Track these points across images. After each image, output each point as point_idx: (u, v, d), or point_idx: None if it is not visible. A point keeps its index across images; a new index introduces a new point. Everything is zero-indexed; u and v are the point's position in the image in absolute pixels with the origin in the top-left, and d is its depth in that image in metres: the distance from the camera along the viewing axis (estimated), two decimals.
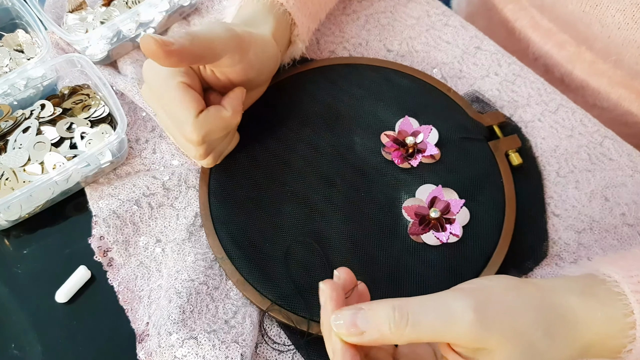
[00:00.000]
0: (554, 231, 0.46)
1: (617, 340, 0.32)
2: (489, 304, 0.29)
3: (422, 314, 0.29)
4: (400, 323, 0.28)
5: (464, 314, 0.28)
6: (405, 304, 0.29)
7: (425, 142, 0.48)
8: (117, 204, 0.46)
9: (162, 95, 0.40)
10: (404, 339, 0.29)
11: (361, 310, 0.29)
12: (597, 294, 0.33)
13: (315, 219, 0.45)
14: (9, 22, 0.57)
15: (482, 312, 0.29)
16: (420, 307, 0.29)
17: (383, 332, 0.28)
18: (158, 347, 0.39)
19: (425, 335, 0.29)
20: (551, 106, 0.53)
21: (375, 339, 0.29)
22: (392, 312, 0.28)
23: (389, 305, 0.29)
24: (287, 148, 0.48)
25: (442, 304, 0.29)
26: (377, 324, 0.29)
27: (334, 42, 0.57)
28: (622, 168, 0.49)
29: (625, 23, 0.47)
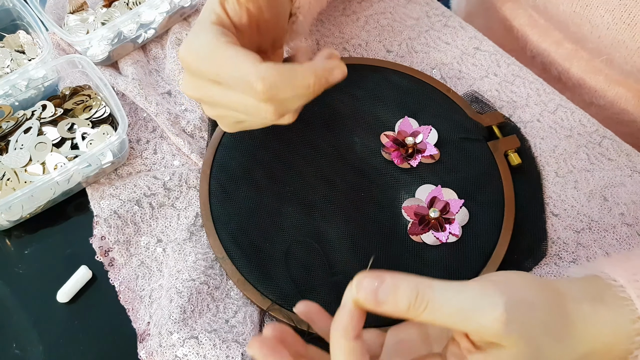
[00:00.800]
0: (553, 231, 0.47)
1: (623, 347, 0.32)
2: (516, 304, 0.29)
3: (444, 303, 0.28)
4: (419, 306, 0.28)
5: (494, 313, 0.28)
6: (428, 288, 0.29)
7: (424, 143, 0.48)
8: (118, 204, 0.47)
9: (214, 65, 0.35)
10: (419, 320, 0.29)
11: (385, 281, 0.29)
12: (607, 301, 0.33)
13: (316, 219, 0.45)
14: (10, 23, 0.58)
15: (511, 312, 0.28)
16: (442, 295, 0.29)
17: (400, 309, 0.28)
18: (159, 347, 0.40)
19: (442, 322, 0.29)
20: (550, 106, 0.53)
21: (390, 312, 0.29)
22: (414, 293, 0.28)
23: (413, 284, 0.29)
24: (287, 148, 0.48)
25: (468, 296, 0.29)
26: (396, 300, 0.28)
27: (334, 42, 0.58)
28: (621, 168, 0.49)
29: (614, 24, 0.47)
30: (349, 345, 0.30)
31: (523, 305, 0.29)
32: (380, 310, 0.29)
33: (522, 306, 0.29)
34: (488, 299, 0.29)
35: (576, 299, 0.32)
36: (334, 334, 0.30)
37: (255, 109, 0.36)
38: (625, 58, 0.49)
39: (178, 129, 0.51)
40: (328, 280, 0.42)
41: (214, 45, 0.35)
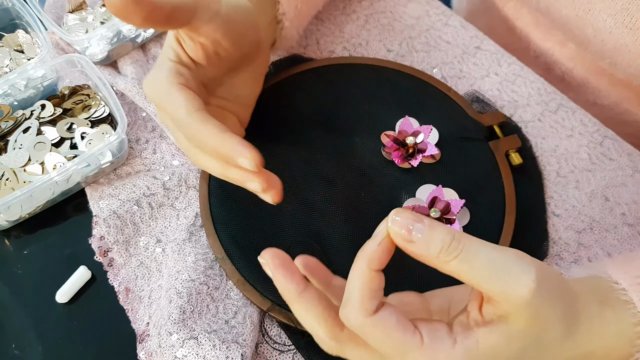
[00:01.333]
0: (554, 231, 0.46)
1: (625, 350, 0.32)
2: (547, 281, 0.28)
3: (476, 255, 0.28)
4: (451, 252, 0.28)
5: (524, 279, 0.27)
6: (465, 238, 0.28)
7: (425, 142, 0.48)
8: (118, 204, 0.46)
9: (162, 103, 0.38)
10: (446, 268, 0.28)
11: (422, 221, 0.28)
12: (612, 305, 0.33)
13: (316, 219, 0.45)
14: (9, 23, 0.57)
15: (540, 286, 0.28)
16: (477, 247, 0.28)
17: (430, 252, 0.28)
18: (158, 347, 0.40)
19: (468, 275, 0.28)
20: (551, 106, 0.53)
21: (419, 253, 0.28)
22: (449, 239, 0.28)
23: (449, 231, 0.28)
24: (287, 148, 0.48)
25: (502, 256, 0.28)
26: (429, 241, 0.28)
27: (334, 42, 0.58)
28: (623, 168, 0.49)
29: (616, 28, 0.47)
30: (369, 274, 0.29)
31: (550, 286, 0.29)
32: (410, 249, 0.28)
33: (549, 286, 0.29)
34: (523, 266, 0.28)
35: (586, 298, 0.32)
36: (358, 259, 0.30)
37: (183, 149, 0.41)
38: (629, 62, 0.49)
39: None
40: None
41: (164, 85, 0.38)
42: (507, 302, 0.28)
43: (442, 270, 0.29)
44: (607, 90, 0.59)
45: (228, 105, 0.44)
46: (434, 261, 0.28)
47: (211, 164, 0.39)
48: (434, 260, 0.28)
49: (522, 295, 0.27)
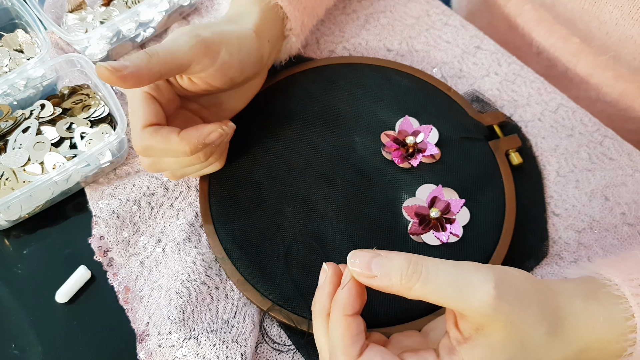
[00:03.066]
0: (554, 230, 0.46)
1: (618, 345, 0.32)
2: (508, 285, 0.29)
3: (437, 274, 0.29)
4: (411, 277, 0.29)
5: (484, 287, 0.28)
6: (422, 261, 0.29)
7: (425, 142, 0.48)
8: (117, 203, 0.46)
9: (130, 107, 0.41)
10: (412, 294, 0.29)
11: (378, 255, 0.30)
12: (599, 298, 0.33)
13: (316, 219, 0.45)
14: (8, 22, 0.57)
15: (501, 291, 0.28)
16: (436, 267, 0.29)
17: (393, 281, 0.29)
18: (158, 347, 0.39)
19: (434, 296, 0.29)
20: (551, 105, 0.53)
21: (384, 286, 0.29)
22: (406, 265, 0.29)
23: (406, 258, 0.29)
24: (287, 148, 0.48)
25: (461, 271, 0.29)
26: (389, 272, 0.29)
27: (334, 41, 0.57)
28: (622, 167, 0.49)
29: (622, 19, 0.48)
30: (345, 321, 0.31)
31: (515, 290, 0.30)
32: (374, 283, 0.30)
33: (514, 291, 0.30)
34: (480, 276, 0.29)
35: (568, 295, 0.33)
36: (333, 309, 0.31)
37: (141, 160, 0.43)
38: (634, 54, 0.49)
39: None
40: None
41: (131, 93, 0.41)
42: (476, 314, 0.29)
43: (410, 297, 0.29)
44: (610, 87, 0.59)
45: (203, 112, 0.46)
46: (399, 289, 0.29)
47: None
48: (399, 289, 0.29)
49: (486, 303, 0.28)
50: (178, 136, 0.39)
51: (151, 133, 0.39)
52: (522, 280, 0.31)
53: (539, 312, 0.30)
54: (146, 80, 0.37)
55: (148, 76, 0.37)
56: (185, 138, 0.39)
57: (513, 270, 0.32)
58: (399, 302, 0.38)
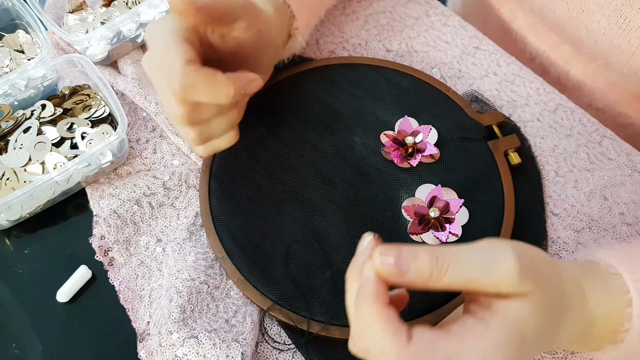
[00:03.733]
0: (553, 230, 0.47)
1: (617, 318, 0.33)
2: (524, 252, 0.30)
3: (462, 260, 0.29)
4: (442, 267, 0.28)
5: (506, 262, 0.28)
6: (445, 251, 0.29)
7: (424, 142, 0.48)
8: (118, 203, 0.47)
9: (161, 50, 0.37)
10: (441, 285, 0.29)
11: (403, 251, 0.29)
12: (597, 274, 0.34)
13: (315, 219, 0.45)
14: (9, 23, 0.58)
15: (521, 259, 0.29)
16: (459, 254, 0.29)
17: (423, 275, 0.28)
18: (159, 346, 0.40)
19: (463, 281, 0.29)
20: (550, 106, 0.53)
21: (414, 280, 0.29)
22: (434, 257, 0.29)
23: (430, 250, 0.29)
24: (287, 148, 0.48)
25: (482, 252, 0.29)
26: (418, 266, 0.29)
27: (334, 42, 0.58)
28: (621, 167, 0.49)
29: (609, 29, 0.48)
30: (383, 311, 0.29)
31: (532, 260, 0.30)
32: (404, 280, 0.29)
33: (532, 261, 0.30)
34: (500, 252, 0.29)
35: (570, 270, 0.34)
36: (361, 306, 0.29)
37: (171, 110, 0.39)
38: (622, 62, 0.49)
39: None
40: (326, 277, 0.42)
41: (166, 37, 0.37)
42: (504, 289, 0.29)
43: (434, 289, 0.29)
44: (602, 93, 0.59)
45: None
46: (428, 282, 0.29)
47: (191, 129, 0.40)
48: (428, 281, 0.29)
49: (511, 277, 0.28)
50: (225, 77, 0.36)
51: (196, 70, 0.36)
52: (537, 252, 0.31)
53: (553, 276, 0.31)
54: (210, 18, 0.37)
55: (212, 15, 0.37)
56: (232, 79, 0.37)
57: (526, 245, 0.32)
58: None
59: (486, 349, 0.28)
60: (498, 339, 0.28)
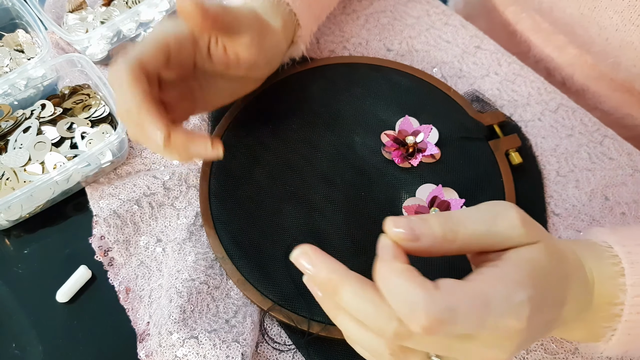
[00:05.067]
0: (554, 230, 0.46)
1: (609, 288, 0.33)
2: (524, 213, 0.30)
3: (469, 219, 0.29)
4: (453, 229, 0.29)
5: (508, 213, 0.29)
6: (452, 214, 0.30)
7: (425, 142, 0.48)
8: (118, 203, 0.46)
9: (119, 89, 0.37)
10: (454, 245, 0.29)
11: (413, 219, 0.29)
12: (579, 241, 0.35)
13: (316, 219, 0.45)
14: (9, 22, 0.57)
15: (523, 213, 0.30)
16: (465, 214, 0.30)
17: (437, 237, 0.29)
18: (159, 347, 0.40)
19: (474, 238, 0.29)
20: (551, 105, 0.53)
21: (429, 245, 0.29)
22: (443, 220, 0.29)
23: (438, 215, 0.30)
24: (288, 148, 0.48)
25: (484, 209, 0.30)
26: (431, 229, 0.29)
27: (334, 41, 0.58)
28: (622, 167, 0.49)
29: (622, 25, 0.47)
30: (404, 266, 0.28)
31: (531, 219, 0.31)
32: (420, 245, 0.29)
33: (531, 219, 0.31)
34: (501, 206, 0.30)
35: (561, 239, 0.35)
36: (380, 268, 0.28)
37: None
38: (634, 60, 0.49)
39: None
40: None
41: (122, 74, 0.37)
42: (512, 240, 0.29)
43: (450, 252, 0.29)
44: (607, 96, 0.59)
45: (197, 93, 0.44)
46: (442, 244, 0.29)
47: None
48: (442, 243, 0.29)
49: (516, 225, 0.29)
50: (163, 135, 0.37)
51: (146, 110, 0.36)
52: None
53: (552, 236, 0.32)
54: (216, 27, 0.38)
55: (220, 25, 0.38)
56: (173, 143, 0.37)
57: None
58: None
59: (509, 286, 0.28)
60: (516, 276, 0.28)
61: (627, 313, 0.32)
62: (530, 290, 0.28)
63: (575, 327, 0.35)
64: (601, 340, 0.34)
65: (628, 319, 0.33)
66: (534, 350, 0.41)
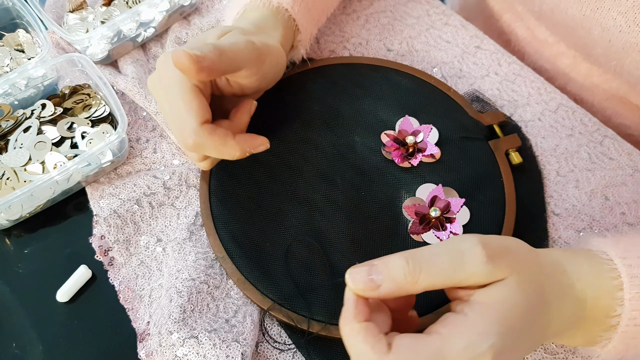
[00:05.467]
0: (554, 230, 0.46)
1: (605, 301, 0.33)
2: (492, 240, 0.30)
3: (433, 259, 0.29)
4: (414, 271, 0.29)
5: (473, 251, 0.29)
6: (416, 254, 0.30)
7: (425, 142, 0.48)
8: (118, 203, 0.46)
9: (172, 91, 0.40)
10: (418, 287, 0.29)
11: (375, 265, 0.30)
12: (579, 253, 0.35)
13: (316, 219, 0.45)
14: (9, 22, 0.57)
15: (488, 247, 0.29)
16: (430, 253, 0.30)
17: (398, 281, 0.29)
18: (159, 346, 0.40)
19: (439, 280, 0.29)
20: (551, 105, 0.53)
21: (391, 290, 0.29)
22: (404, 262, 0.29)
23: (401, 256, 0.30)
24: (288, 147, 0.48)
25: (450, 248, 0.30)
26: (392, 275, 0.29)
27: (334, 41, 0.58)
28: (622, 167, 0.49)
29: (626, 26, 0.47)
30: (361, 326, 0.29)
31: (500, 242, 0.31)
32: (381, 293, 0.30)
33: (499, 242, 0.31)
34: (466, 243, 0.30)
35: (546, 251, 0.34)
36: (343, 326, 0.30)
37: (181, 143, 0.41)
38: (637, 63, 0.48)
39: None
40: (330, 280, 0.42)
41: (179, 81, 0.39)
42: (479, 277, 0.29)
43: (415, 292, 0.30)
44: (600, 105, 0.59)
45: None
46: (406, 287, 0.29)
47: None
48: (405, 287, 0.29)
49: (479, 266, 0.29)
50: (234, 141, 0.40)
51: (209, 132, 0.39)
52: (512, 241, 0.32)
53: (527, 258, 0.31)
54: (214, 74, 0.38)
55: (217, 72, 0.38)
56: (240, 143, 0.41)
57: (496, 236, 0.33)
58: None
59: (470, 338, 0.28)
60: (479, 325, 0.29)
61: (624, 325, 0.33)
62: (493, 338, 0.28)
63: (571, 335, 0.35)
64: (597, 346, 0.35)
65: (625, 330, 0.33)
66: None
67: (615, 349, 0.34)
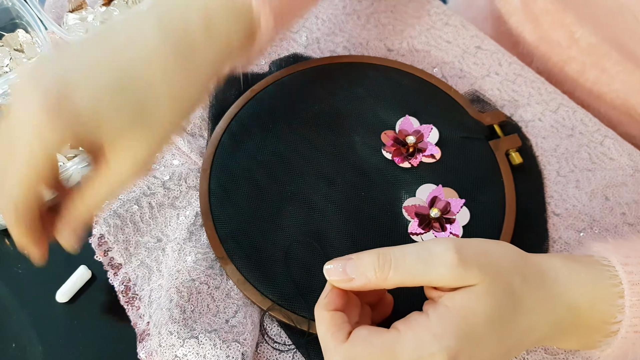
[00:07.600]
0: (555, 230, 0.46)
1: (603, 307, 0.33)
2: (468, 245, 0.31)
3: (404, 258, 0.31)
4: (384, 267, 0.31)
5: (445, 255, 0.30)
6: (389, 251, 0.31)
7: (425, 142, 0.48)
8: (118, 203, 0.46)
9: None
10: (388, 283, 0.31)
11: (350, 259, 0.32)
12: (580, 260, 0.34)
13: (316, 219, 0.45)
14: (9, 22, 0.57)
15: (462, 252, 0.30)
16: (401, 251, 0.31)
17: (369, 277, 0.31)
18: (159, 347, 0.40)
19: (408, 277, 0.30)
20: (552, 105, 0.53)
21: (363, 284, 0.31)
22: (376, 258, 0.31)
23: (374, 253, 0.31)
24: (288, 147, 0.48)
25: (423, 248, 0.31)
26: (363, 270, 0.31)
27: (335, 41, 0.57)
28: (623, 167, 0.49)
29: None
30: (328, 314, 0.32)
31: (477, 247, 0.31)
32: (353, 285, 0.31)
33: (476, 247, 0.31)
34: (440, 246, 0.30)
35: (545, 256, 0.34)
36: (315, 312, 0.33)
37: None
38: None
39: None
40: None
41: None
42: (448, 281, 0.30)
43: (387, 287, 0.31)
44: (606, 113, 0.58)
45: None
46: (377, 282, 0.31)
47: None
48: (376, 282, 0.31)
49: (449, 270, 0.30)
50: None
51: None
52: (485, 241, 0.33)
53: (509, 264, 0.32)
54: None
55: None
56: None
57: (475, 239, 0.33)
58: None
59: (423, 338, 0.29)
60: (436, 327, 0.29)
61: (624, 332, 0.33)
62: (448, 342, 0.29)
63: (566, 340, 0.35)
64: (596, 350, 0.35)
65: (625, 337, 0.33)
66: (534, 350, 0.41)
67: (614, 354, 0.34)
